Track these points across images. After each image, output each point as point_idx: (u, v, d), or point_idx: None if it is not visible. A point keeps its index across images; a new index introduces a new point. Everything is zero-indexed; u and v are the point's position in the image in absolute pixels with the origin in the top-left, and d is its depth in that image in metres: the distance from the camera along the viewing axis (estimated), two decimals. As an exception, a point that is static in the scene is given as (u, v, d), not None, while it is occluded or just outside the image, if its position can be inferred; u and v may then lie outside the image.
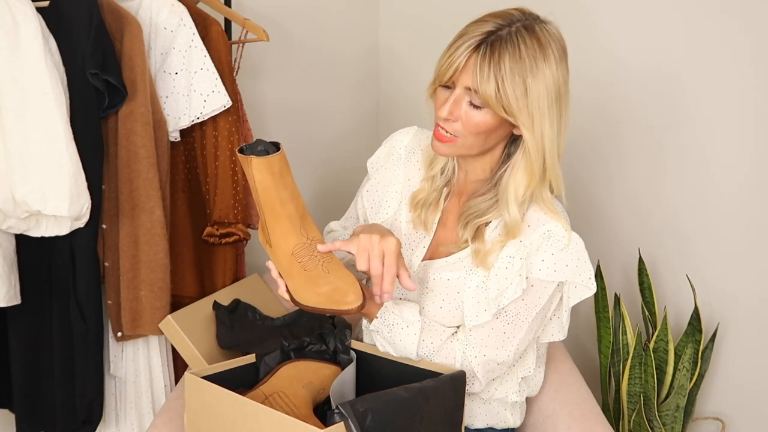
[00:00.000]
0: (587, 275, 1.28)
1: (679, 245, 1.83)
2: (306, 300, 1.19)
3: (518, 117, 1.19)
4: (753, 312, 1.74)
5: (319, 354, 1.32)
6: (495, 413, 1.40)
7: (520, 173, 1.26)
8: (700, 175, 1.78)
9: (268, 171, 1.18)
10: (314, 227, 1.24)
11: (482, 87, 1.18)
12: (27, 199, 1.36)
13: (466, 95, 1.22)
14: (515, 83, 1.17)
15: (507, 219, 1.27)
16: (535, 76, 1.18)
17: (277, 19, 2.15)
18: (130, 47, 1.53)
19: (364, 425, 1.03)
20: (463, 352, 1.27)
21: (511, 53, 1.18)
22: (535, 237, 1.26)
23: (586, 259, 1.28)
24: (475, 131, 1.23)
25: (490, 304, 1.26)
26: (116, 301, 1.60)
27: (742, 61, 1.68)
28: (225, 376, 1.22)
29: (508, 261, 1.26)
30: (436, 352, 1.27)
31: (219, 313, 1.49)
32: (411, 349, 1.26)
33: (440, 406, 1.16)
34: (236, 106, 1.72)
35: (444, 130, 1.25)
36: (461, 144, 1.26)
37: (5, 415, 1.71)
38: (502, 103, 1.18)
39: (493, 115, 1.21)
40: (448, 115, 1.23)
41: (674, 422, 1.73)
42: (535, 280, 1.26)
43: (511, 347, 1.28)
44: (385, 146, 1.49)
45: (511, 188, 1.27)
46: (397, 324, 1.26)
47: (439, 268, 1.33)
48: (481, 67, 1.18)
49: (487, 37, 1.19)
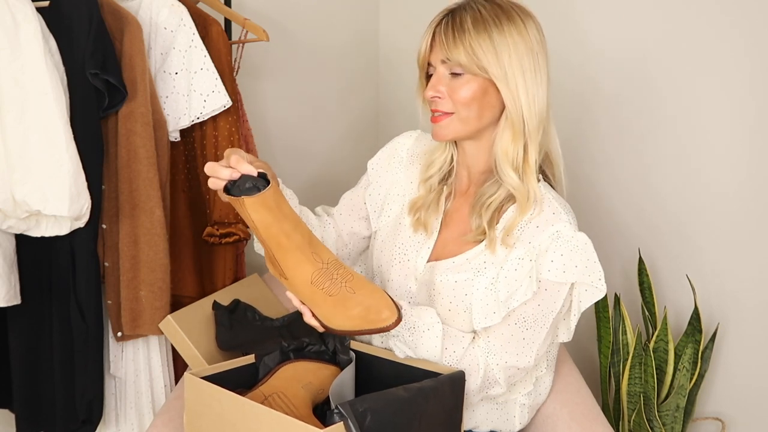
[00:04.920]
0: (597, 276, 1.28)
1: (679, 245, 1.83)
2: (341, 326, 1.15)
3: (491, 71, 1.24)
4: (753, 312, 1.74)
5: (318, 354, 1.32)
6: (503, 416, 1.39)
7: (506, 133, 1.28)
8: (700, 175, 1.78)
9: (264, 208, 1.13)
10: (325, 249, 1.19)
11: (452, 52, 1.24)
12: (27, 199, 1.36)
13: (444, 69, 1.27)
14: (481, 38, 1.23)
15: (509, 187, 1.28)
16: (501, 31, 1.24)
17: (278, 19, 2.15)
18: (130, 47, 1.53)
19: (364, 425, 1.03)
20: (485, 360, 1.26)
21: (472, 16, 1.25)
22: (544, 238, 1.26)
23: (595, 260, 1.28)
24: (464, 101, 1.26)
25: (499, 307, 1.25)
26: (116, 301, 1.60)
27: (741, 64, 1.68)
28: (224, 377, 1.22)
29: (517, 263, 1.26)
30: (458, 362, 1.25)
31: (218, 314, 1.49)
32: (434, 352, 1.24)
33: (440, 406, 1.16)
34: (236, 106, 1.72)
35: (437, 111, 1.28)
36: (457, 119, 1.28)
37: (5, 415, 1.71)
38: (474, 61, 1.24)
39: (475, 78, 1.25)
40: (434, 92, 1.27)
41: (674, 422, 1.73)
42: (548, 282, 1.25)
43: (532, 353, 1.28)
44: (387, 148, 1.49)
45: (500, 150, 1.29)
46: (419, 327, 1.24)
47: (445, 270, 1.32)
48: (446, 35, 1.25)
49: (448, 12, 1.28)
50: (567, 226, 1.26)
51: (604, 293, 1.29)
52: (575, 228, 1.28)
